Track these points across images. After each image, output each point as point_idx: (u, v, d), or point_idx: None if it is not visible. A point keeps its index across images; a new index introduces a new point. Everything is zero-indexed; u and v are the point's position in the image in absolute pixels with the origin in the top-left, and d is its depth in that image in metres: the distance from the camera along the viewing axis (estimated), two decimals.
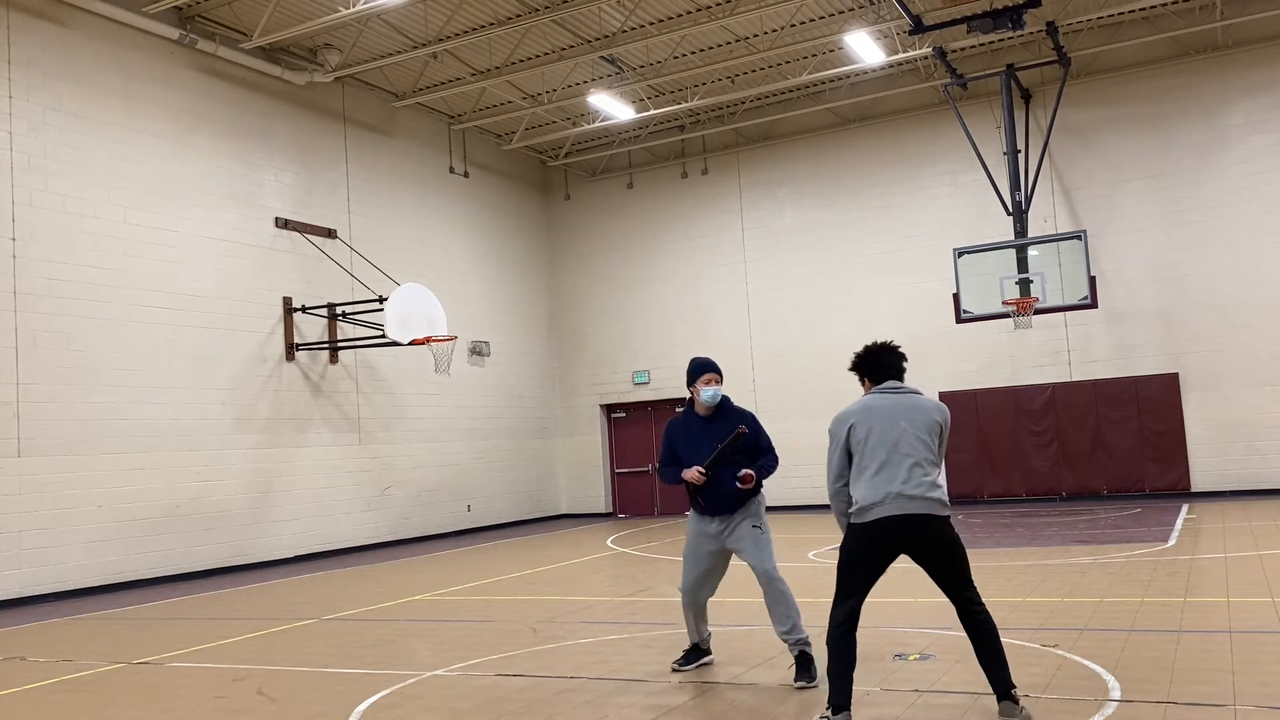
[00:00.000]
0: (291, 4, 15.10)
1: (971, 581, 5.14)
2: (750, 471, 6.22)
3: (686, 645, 6.80)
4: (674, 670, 6.59)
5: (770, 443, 6.47)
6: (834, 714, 5.04)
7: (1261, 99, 17.45)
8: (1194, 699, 5.27)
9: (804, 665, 6.10)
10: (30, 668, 8.15)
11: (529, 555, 14.88)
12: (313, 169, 17.11)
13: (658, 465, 6.73)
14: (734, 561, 6.63)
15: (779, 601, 6.22)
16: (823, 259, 20.52)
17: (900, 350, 5.48)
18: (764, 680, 6.25)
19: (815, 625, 7.87)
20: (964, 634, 7.22)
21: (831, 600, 5.22)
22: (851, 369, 5.48)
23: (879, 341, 5.53)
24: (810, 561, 12.00)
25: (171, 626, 9.96)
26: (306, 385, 16.47)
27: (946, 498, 5.12)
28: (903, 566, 7.54)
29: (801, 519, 17.93)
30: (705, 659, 6.72)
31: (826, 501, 17.90)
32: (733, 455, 6.28)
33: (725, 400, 6.54)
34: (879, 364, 5.44)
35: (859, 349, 5.49)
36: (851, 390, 20.32)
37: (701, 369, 6.51)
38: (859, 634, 5.27)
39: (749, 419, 6.45)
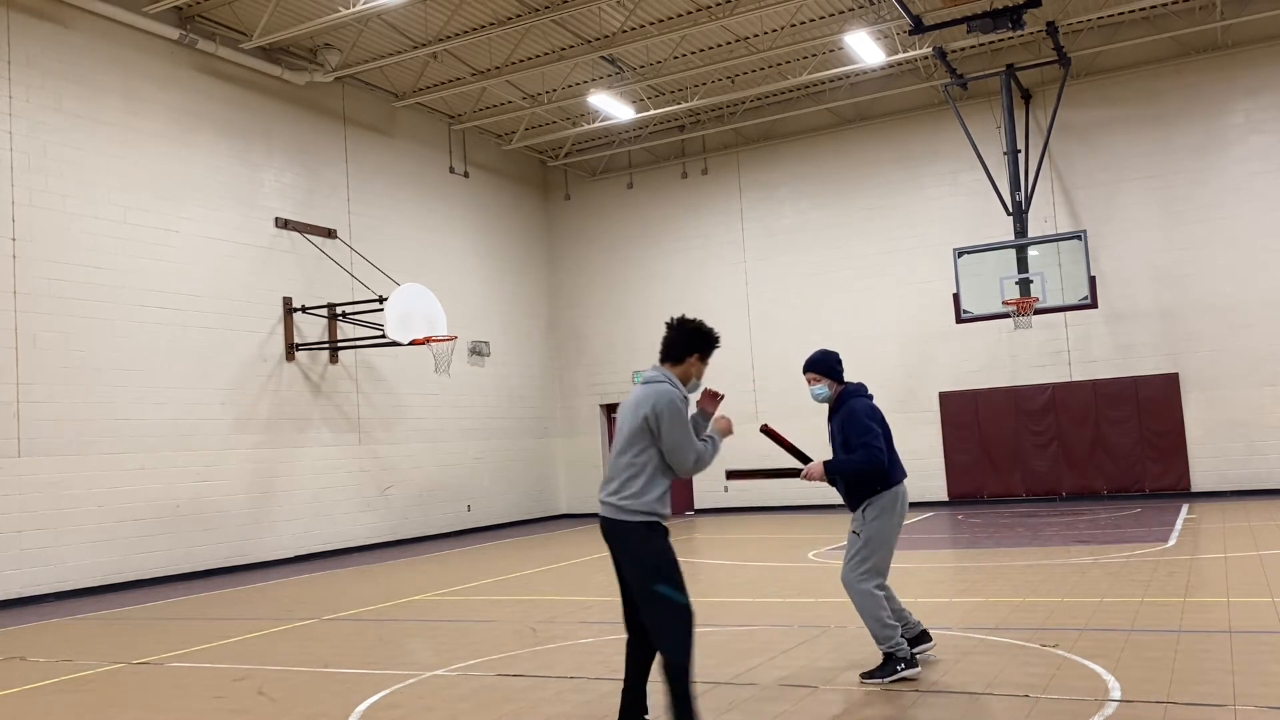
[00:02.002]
0: (291, 4, 15.10)
1: (666, 613, 4.70)
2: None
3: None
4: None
5: (860, 440, 6.06)
6: None
7: (1261, 99, 17.45)
8: (1194, 699, 5.27)
9: (882, 663, 6.03)
10: (30, 668, 8.15)
11: (529, 555, 14.88)
12: (313, 169, 17.10)
13: None
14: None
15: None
16: (823, 259, 20.52)
17: (684, 327, 5.04)
18: (764, 680, 6.25)
19: (816, 625, 7.87)
20: (963, 634, 7.24)
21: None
22: None
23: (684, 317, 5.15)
24: (810, 561, 12.00)
25: (171, 626, 9.96)
26: (306, 385, 16.47)
27: (638, 505, 4.79)
28: (898, 566, 7.49)
29: (803, 518, 17.94)
30: (923, 646, 6.43)
31: (823, 502, 17.84)
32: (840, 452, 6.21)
33: (843, 395, 6.32)
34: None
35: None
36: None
37: (803, 369, 6.45)
38: (857, 632, 5.23)
39: (843, 417, 6.19)
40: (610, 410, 22.59)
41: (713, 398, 5.28)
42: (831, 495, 19.99)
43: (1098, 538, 12.70)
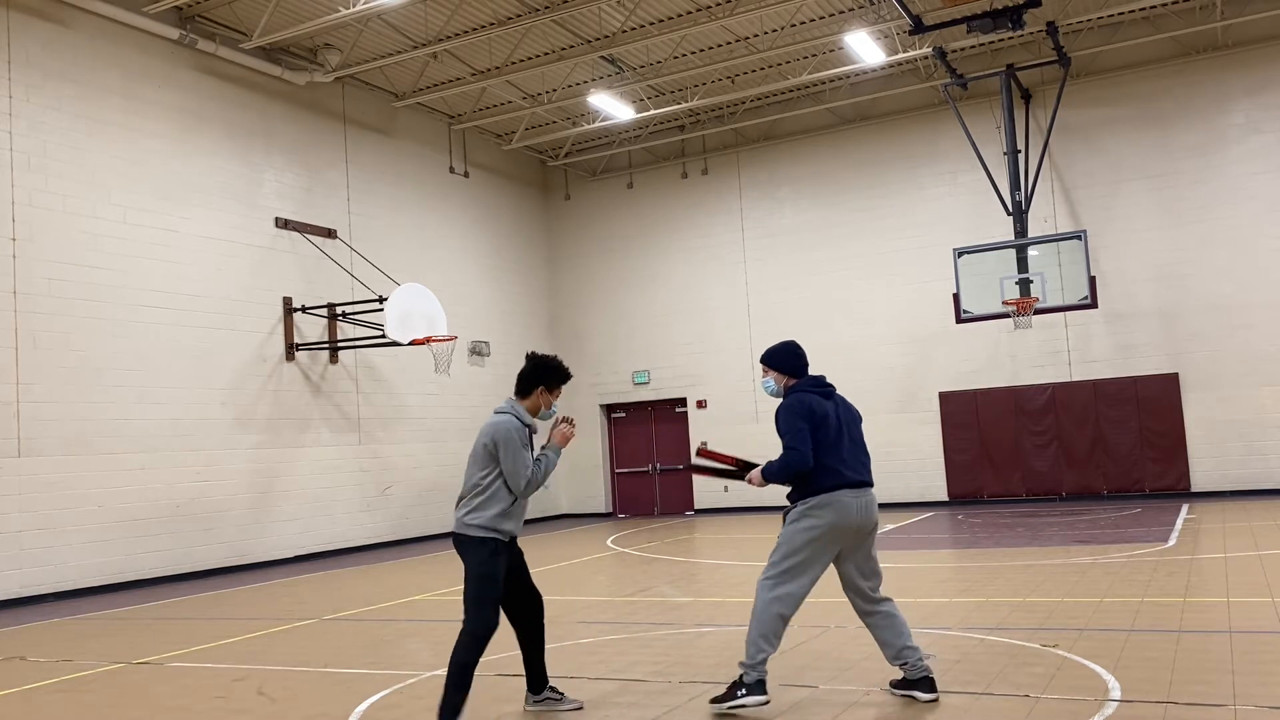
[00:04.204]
0: (291, 4, 15.10)
1: (466, 613, 5.41)
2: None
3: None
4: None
5: (784, 440, 5.57)
6: None
7: (1261, 99, 17.45)
8: (1194, 699, 5.27)
9: (733, 682, 5.54)
10: (30, 668, 8.15)
11: (529, 555, 14.82)
12: (313, 169, 17.10)
13: None
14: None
15: None
16: (823, 259, 20.52)
17: (530, 362, 5.72)
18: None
19: (816, 625, 7.85)
20: (963, 634, 7.25)
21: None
22: None
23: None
24: None
25: (171, 626, 9.96)
26: (306, 385, 16.47)
27: (475, 519, 5.43)
28: (898, 566, 7.55)
29: None
30: (922, 694, 5.52)
31: None
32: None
33: (788, 391, 5.82)
34: None
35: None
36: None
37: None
38: (857, 632, 5.24)
39: (778, 413, 5.72)
40: (611, 410, 22.60)
41: (566, 423, 5.78)
42: None
43: (1098, 538, 12.71)
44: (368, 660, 7.61)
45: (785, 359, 5.92)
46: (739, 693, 5.43)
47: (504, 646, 7.81)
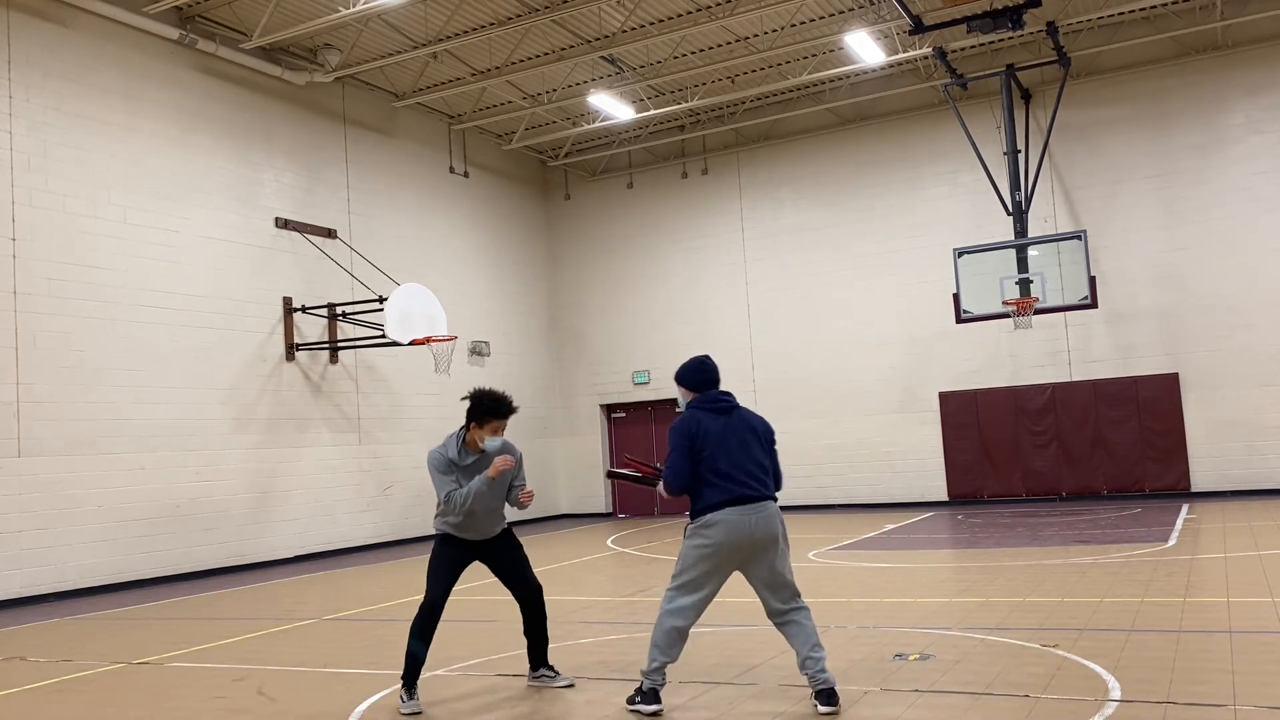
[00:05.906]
0: (291, 4, 15.10)
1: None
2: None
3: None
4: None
5: (668, 460, 5.68)
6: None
7: (1261, 99, 17.45)
8: (1194, 699, 5.27)
9: (637, 687, 5.70)
10: (30, 668, 8.15)
11: (529, 555, 14.85)
12: (313, 169, 17.11)
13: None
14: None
15: None
16: (823, 259, 20.52)
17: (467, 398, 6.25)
18: (764, 680, 6.25)
19: (816, 625, 7.87)
20: (964, 634, 7.25)
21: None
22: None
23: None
24: (810, 561, 11.99)
25: (171, 626, 9.96)
26: (306, 385, 16.47)
27: (436, 521, 6.37)
28: (898, 566, 7.56)
29: (803, 518, 17.93)
30: (823, 709, 5.43)
31: (826, 501, 17.96)
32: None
33: (687, 407, 5.86)
34: None
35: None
36: (849, 391, 20.36)
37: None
38: (857, 632, 5.24)
39: (670, 430, 5.78)
40: (610, 410, 22.60)
41: (497, 468, 6.22)
42: (833, 495, 20.02)
43: (1098, 538, 12.71)
44: (368, 660, 7.61)
45: (684, 379, 5.88)
46: (635, 699, 5.67)
47: (503, 646, 7.83)
